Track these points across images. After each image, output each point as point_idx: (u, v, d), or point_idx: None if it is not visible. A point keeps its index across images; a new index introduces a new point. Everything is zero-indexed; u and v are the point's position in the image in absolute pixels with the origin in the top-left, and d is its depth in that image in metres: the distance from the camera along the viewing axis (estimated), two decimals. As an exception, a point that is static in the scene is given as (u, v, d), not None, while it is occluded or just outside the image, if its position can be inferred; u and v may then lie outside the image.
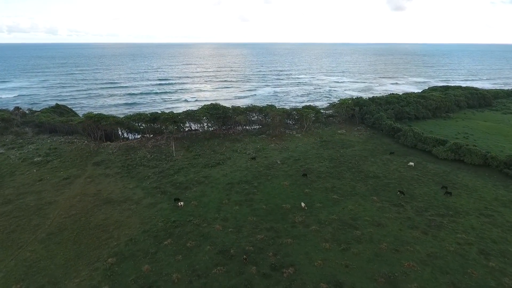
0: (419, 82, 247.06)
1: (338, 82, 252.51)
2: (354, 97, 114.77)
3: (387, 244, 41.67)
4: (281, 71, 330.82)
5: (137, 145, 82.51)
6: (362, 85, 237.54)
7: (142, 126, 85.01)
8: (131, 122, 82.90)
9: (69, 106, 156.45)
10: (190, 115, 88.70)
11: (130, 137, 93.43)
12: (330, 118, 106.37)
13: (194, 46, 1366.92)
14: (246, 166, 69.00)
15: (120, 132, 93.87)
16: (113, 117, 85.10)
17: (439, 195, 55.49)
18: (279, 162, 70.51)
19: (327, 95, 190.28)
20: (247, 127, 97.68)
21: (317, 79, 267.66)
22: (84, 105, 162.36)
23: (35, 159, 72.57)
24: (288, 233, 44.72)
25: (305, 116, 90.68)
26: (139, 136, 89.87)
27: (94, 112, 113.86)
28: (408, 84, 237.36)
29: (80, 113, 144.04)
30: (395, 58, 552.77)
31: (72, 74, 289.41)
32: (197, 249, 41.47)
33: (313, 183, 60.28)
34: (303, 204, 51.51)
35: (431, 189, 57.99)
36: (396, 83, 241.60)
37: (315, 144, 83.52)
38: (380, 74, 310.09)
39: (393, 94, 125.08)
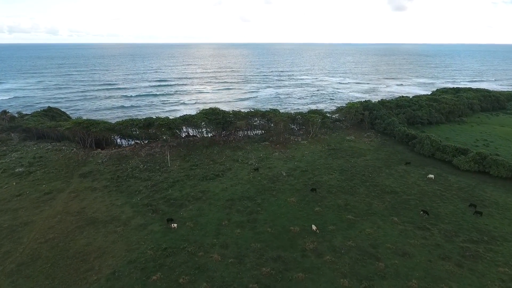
0: (425, 83, 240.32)
1: (341, 83, 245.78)
2: (362, 101, 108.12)
3: (417, 281, 35.09)
4: (282, 71, 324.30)
5: (130, 154, 76.01)
6: (366, 86, 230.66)
7: (135, 132, 78.46)
8: (123, 128, 76.32)
9: (63, 109, 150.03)
10: (187, 121, 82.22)
11: (124, 143, 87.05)
12: (337, 123, 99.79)
13: (194, 46, 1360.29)
14: (248, 178, 62.41)
15: (113, 138, 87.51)
16: (104, 122, 78.61)
17: (467, 215, 48.90)
18: (284, 174, 63.91)
19: (331, 97, 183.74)
20: (249, 133, 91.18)
21: (320, 80, 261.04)
22: (79, 107, 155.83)
23: (17, 170, 66.10)
24: (298, 264, 38.17)
25: (311, 122, 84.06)
26: (132, 143, 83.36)
27: (87, 117, 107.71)
28: (413, 85, 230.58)
29: (74, 116, 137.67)
30: (397, 59, 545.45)
31: (69, 75, 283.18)
32: (190, 287, 34.95)
33: (323, 200, 53.70)
34: (314, 227, 44.98)
35: (457, 207, 51.37)
36: (401, 84, 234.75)
37: (323, 152, 76.88)
38: (384, 75, 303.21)
39: (403, 97, 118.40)
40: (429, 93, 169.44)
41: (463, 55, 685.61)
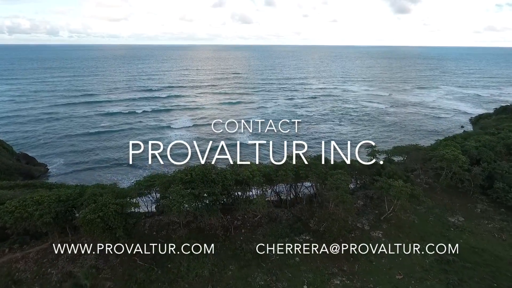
0: (468, 96, 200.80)
1: (362, 93, 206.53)
2: (450, 136, 68.11)
3: None
4: (289, 78, 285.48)
5: (31, 272, 36.69)
6: (392, 98, 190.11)
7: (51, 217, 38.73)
8: (16, 222, 36.71)
9: (11, 135, 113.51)
10: (151, 193, 42.73)
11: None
12: (409, 175, 60.00)
13: (195, 48, 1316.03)
14: None
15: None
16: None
17: None
18: None
19: (359, 117, 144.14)
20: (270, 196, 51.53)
21: (337, 89, 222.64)
22: (30, 135, 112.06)
23: None
24: None
25: (394, 196, 44.01)
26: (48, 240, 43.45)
27: (34, 152, 69.74)
28: (454, 99, 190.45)
29: (18, 147, 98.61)
30: (410, 63, 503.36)
31: (47, 82, 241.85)
32: None
33: None
34: None
35: None
36: (439, 98, 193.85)
37: (430, 273, 37.07)
38: (407, 83, 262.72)
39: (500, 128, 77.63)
40: (491, 111, 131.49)
41: (475, 58, 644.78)
